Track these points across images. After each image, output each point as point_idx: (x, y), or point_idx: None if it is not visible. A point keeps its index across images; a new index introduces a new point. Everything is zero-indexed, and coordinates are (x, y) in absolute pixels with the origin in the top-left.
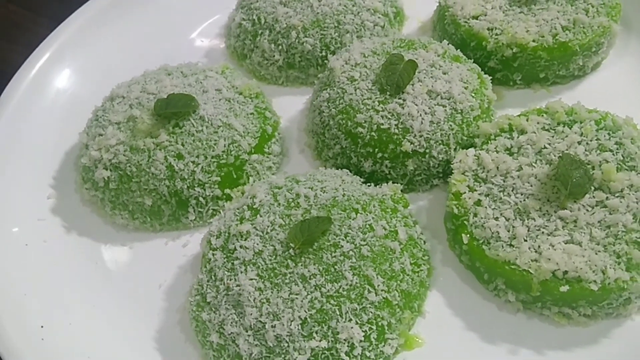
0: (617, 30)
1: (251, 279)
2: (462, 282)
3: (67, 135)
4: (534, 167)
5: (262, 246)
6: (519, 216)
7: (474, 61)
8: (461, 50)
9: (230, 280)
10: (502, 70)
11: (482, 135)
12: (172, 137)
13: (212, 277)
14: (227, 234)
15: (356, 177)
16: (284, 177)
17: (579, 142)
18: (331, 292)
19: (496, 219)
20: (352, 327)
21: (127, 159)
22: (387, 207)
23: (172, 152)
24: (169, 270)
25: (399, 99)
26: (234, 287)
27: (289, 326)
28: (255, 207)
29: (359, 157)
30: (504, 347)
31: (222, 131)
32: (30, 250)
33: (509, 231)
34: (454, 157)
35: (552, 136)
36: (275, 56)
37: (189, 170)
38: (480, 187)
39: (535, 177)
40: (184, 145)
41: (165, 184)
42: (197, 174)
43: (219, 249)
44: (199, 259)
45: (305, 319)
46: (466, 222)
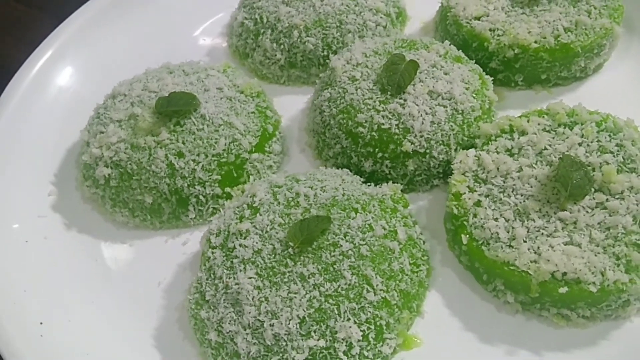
0: (620, 32)
1: (250, 278)
2: (461, 282)
3: (68, 132)
4: (534, 168)
5: (262, 245)
6: (519, 217)
7: (476, 62)
8: (463, 51)
9: (229, 278)
10: (503, 71)
11: (483, 136)
12: (173, 135)
13: (211, 275)
14: (227, 233)
15: (356, 176)
16: (284, 176)
17: (580, 144)
18: (330, 292)
19: (496, 219)
20: (350, 327)
21: (128, 156)
22: (387, 207)
23: (173, 150)
24: (168, 268)
25: (400, 99)
26: (232, 286)
27: (287, 325)
28: (255, 205)
29: (360, 156)
30: (502, 348)
31: (223, 130)
32: (30, 246)
33: (508, 232)
34: (455, 158)
35: (553, 137)
36: (277, 55)
37: (189, 168)
38: (480, 187)
39: (535, 178)
40: (184, 143)
41: (165, 182)
42: (198, 172)
43: (218, 248)
44: (198, 257)
45: (303, 318)
46: (466, 223)
